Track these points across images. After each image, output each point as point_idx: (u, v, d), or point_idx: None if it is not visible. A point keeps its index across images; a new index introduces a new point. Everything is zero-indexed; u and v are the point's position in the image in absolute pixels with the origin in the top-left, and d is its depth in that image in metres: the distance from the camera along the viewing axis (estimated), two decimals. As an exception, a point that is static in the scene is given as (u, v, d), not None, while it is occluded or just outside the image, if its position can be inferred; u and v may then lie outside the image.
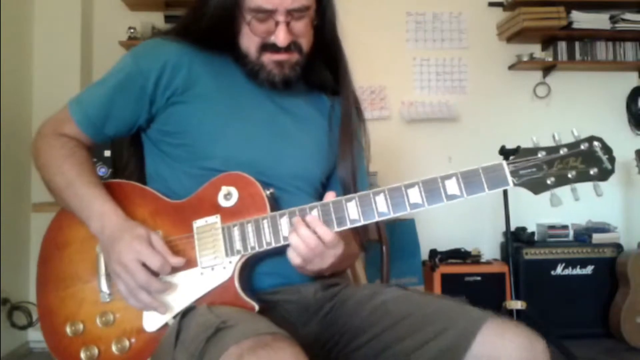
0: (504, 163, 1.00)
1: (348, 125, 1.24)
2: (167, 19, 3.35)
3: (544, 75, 3.62)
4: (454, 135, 3.60)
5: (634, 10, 3.46)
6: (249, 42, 1.13)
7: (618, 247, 3.31)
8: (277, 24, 1.09)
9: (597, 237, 3.34)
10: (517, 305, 2.96)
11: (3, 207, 2.79)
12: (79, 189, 1.10)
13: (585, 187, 1.01)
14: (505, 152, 2.97)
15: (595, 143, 1.00)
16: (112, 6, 3.40)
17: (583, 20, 3.40)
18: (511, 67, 3.62)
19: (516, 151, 1.01)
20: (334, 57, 1.24)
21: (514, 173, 0.99)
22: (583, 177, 0.99)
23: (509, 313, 2.97)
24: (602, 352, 3.06)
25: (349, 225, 1.02)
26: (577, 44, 3.49)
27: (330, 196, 1.04)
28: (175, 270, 1.05)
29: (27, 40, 3.14)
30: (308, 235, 1.01)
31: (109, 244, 1.05)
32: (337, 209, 1.03)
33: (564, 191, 1.01)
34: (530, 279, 3.23)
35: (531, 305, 2.97)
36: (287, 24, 1.10)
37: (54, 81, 3.07)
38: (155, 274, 1.03)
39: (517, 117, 3.60)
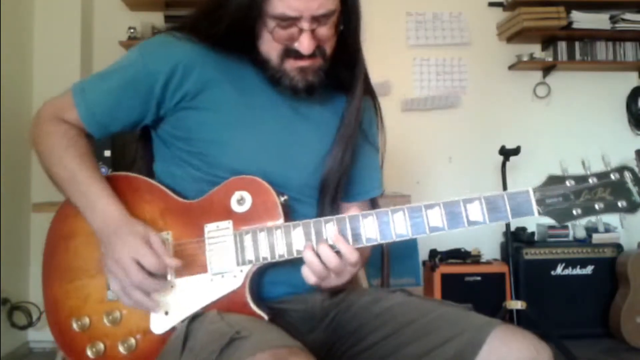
0: (530, 191, 0.97)
1: (349, 124, 1.16)
2: (167, 19, 3.35)
3: (544, 75, 3.62)
4: (454, 136, 3.59)
5: (634, 10, 3.46)
6: (269, 48, 1.07)
7: (618, 247, 3.31)
8: (301, 30, 1.04)
9: (597, 237, 3.33)
10: (517, 305, 2.96)
11: (3, 207, 2.78)
12: (81, 185, 1.06)
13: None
14: (505, 152, 2.97)
15: (627, 173, 0.97)
16: (112, 6, 3.40)
17: (583, 20, 3.39)
18: (511, 67, 3.61)
19: (516, 151, 1.00)
20: (352, 60, 1.18)
21: (539, 202, 0.96)
22: (610, 209, 0.96)
23: (509, 313, 2.98)
24: (602, 352, 3.06)
25: (364, 244, 0.99)
26: (577, 44, 3.48)
27: (352, 210, 1.01)
28: (181, 273, 1.03)
29: (27, 40, 3.13)
30: (328, 255, 0.98)
31: (107, 240, 1.03)
32: (354, 225, 1.00)
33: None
34: (530, 279, 3.22)
35: (531, 305, 2.98)
36: (312, 30, 1.04)
37: (54, 81, 3.02)
38: (151, 274, 1.00)
39: (517, 117, 3.60)
